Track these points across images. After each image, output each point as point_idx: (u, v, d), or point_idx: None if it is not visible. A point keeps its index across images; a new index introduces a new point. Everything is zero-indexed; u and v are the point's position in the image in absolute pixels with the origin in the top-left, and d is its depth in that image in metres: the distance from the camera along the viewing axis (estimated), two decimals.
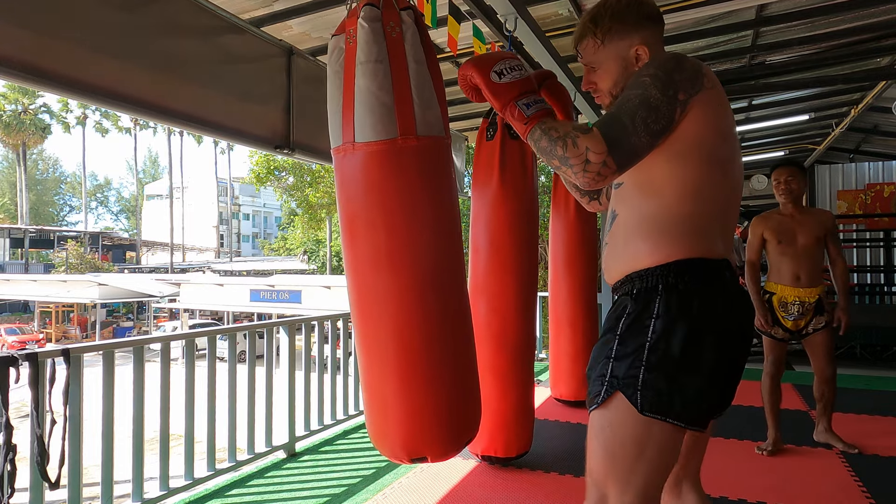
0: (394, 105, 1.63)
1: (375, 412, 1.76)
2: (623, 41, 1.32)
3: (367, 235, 1.68)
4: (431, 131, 1.67)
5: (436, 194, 1.70)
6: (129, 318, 30.12)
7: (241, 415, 3.15)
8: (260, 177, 18.82)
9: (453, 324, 1.75)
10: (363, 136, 1.64)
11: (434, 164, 1.70)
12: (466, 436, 1.80)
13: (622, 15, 1.32)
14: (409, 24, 1.67)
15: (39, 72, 1.92)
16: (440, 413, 1.71)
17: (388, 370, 1.69)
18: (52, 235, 37.50)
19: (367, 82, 1.63)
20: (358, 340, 1.77)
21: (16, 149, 38.01)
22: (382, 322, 1.69)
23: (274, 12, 3.14)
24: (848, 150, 9.18)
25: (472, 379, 1.86)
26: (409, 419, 1.70)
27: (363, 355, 1.76)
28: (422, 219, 1.66)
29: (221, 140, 19.58)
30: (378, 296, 1.69)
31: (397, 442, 1.72)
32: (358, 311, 1.75)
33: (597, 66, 1.37)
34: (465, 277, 1.83)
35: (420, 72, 1.67)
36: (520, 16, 2.99)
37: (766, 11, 3.85)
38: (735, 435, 3.51)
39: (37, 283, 26.83)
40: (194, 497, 2.78)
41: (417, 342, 1.68)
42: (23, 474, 2.12)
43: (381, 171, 1.65)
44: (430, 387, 1.69)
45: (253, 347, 3.32)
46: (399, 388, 1.69)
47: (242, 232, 52.28)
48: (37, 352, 2.24)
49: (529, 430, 3.07)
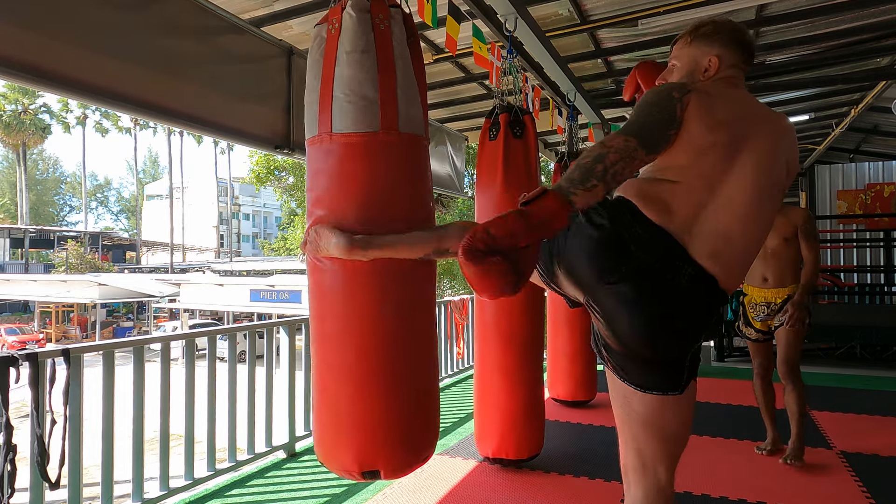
0: (378, 98, 1.57)
1: (326, 424, 1.63)
2: (706, 47, 1.45)
3: (335, 222, 1.57)
4: (413, 129, 1.62)
5: (412, 193, 1.63)
6: (129, 318, 30.11)
7: (242, 415, 3.15)
8: (260, 177, 18.79)
9: (419, 330, 1.66)
10: (341, 127, 1.57)
11: (412, 162, 1.64)
12: (424, 453, 1.68)
13: (719, 27, 1.45)
14: (397, 20, 1.63)
15: (39, 72, 1.92)
16: (398, 426, 1.59)
17: (345, 379, 1.58)
18: (52, 235, 37.48)
19: (351, 72, 1.57)
20: (314, 346, 1.65)
21: (16, 149, 37.99)
22: (343, 327, 1.59)
23: (274, 12, 3.14)
24: (848, 150, 9.18)
25: (433, 395, 1.74)
26: (364, 430, 1.57)
27: (319, 362, 1.64)
28: (395, 217, 1.58)
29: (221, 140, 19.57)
30: (340, 298, 1.59)
31: (349, 454, 1.59)
32: (317, 313, 1.65)
33: (675, 63, 1.51)
34: (434, 283, 1.73)
35: (406, 68, 1.63)
36: (520, 16, 2.99)
37: (766, 11, 3.85)
38: (735, 435, 3.51)
39: (37, 283, 26.82)
40: (194, 497, 2.78)
41: (379, 350, 1.58)
42: (23, 474, 2.12)
43: (358, 164, 1.57)
44: (390, 398, 1.58)
45: (253, 347, 3.32)
46: (356, 398, 1.57)
47: (242, 232, 52.26)
48: (37, 352, 2.24)
49: (540, 431, 3.06)
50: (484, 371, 2.98)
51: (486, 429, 3.00)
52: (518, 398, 2.92)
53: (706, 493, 2.65)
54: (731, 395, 4.54)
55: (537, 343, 3.01)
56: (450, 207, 15.45)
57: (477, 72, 4.39)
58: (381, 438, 1.59)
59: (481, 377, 3.00)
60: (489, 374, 2.96)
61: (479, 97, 4.82)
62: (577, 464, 3.08)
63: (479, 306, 2.99)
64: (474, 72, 4.39)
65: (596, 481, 2.85)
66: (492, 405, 2.96)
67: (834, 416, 3.92)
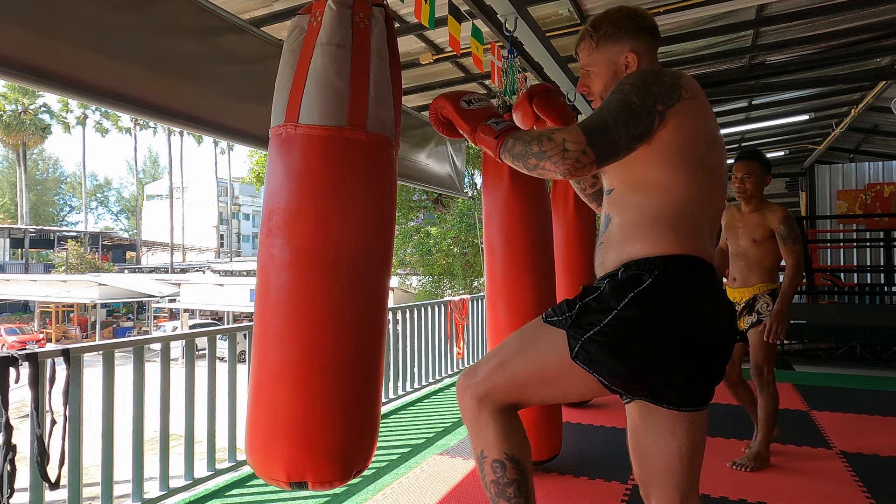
0: (348, 93, 1.53)
1: (263, 425, 1.55)
2: (615, 47, 1.41)
3: (290, 227, 1.53)
4: (382, 130, 1.58)
5: (374, 195, 1.59)
6: (129, 319, 30.12)
7: (242, 415, 3.15)
8: (260, 176, 18.77)
9: (368, 338, 1.59)
10: (308, 118, 1.53)
11: (377, 163, 1.59)
12: (357, 466, 1.62)
13: (618, 22, 1.41)
14: (378, 19, 1.60)
15: (39, 71, 1.92)
16: (335, 435, 1.53)
17: (286, 379, 1.52)
18: (52, 235, 37.50)
19: (325, 63, 1.54)
20: (256, 341, 1.59)
21: (16, 149, 38.02)
22: (287, 325, 1.53)
23: (274, 12, 3.14)
24: (848, 150, 9.19)
25: (375, 403, 1.67)
26: (300, 437, 1.51)
27: (258, 358, 1.57)
28: (352, 218, 1.54)
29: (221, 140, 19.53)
30: (288, 295, 1.53)
31: (281, 460, 1.52)
32: (261, 307, 1.59)
33: (591, 70, 1.46)
34: (387, 291, 1.66)
35: (381, 68, 1.59)
36: (520, 16, 2.98)
37: (766, 11, 3.85)
38: (734, 435, 3.51)
39: (37, 283, 26.83)
40: (194, 497, 2.78)
41: (325, 354, 1.53)
42: (22, 474, 2.12)
43: (319, 158, 1.53)
44: (330, 406, 1.53)
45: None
46: (294, 403, 1.51)
47: (242, 232, 52.26)
48: (37, 352, 2.24)
49: (557, 432, 3.03)
50: None
51: None
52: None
53: (706, 493, 2.65)
54: (730, 395, 4.53)
55: None
56: (450, 207, 15.46)
57: (477, 72, 4.39)
58: (316, 448, 1.51)
59: None
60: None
61: None
62: (576, 463, 3.08)
63: (490, 306, 2.98)
64: (474, 72, 4.39)
65: (596, 481, 2.85)
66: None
67: (834, 416, 3.92)
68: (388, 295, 1.70)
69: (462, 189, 5.56)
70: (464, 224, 14.65)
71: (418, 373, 4.86)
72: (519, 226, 2.86)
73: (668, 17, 3.65)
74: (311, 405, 1.52)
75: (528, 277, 2.87)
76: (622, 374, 1.25)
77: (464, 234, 14.69)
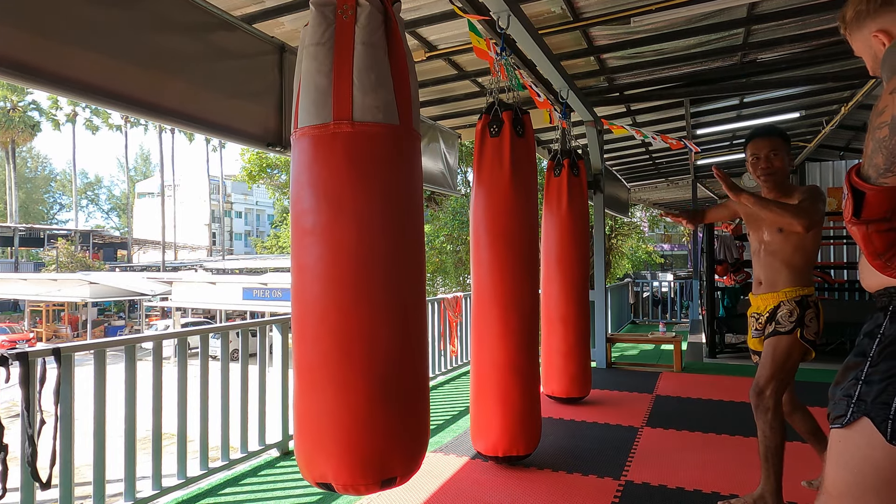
0: (331, 88, 1.53)
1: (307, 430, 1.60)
2: (863, 31, 1.25)
3: (300, 225, 1.59)
4: (374, 117, 1.55)
5: (373, 186, 1.56)
6: (120, 317, 29.94)
7: (234, 413, 3.14)
8: (252, 174, 18.68)
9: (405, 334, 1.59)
10: (302, 121, 1.58)
11: (373, 152, 1.57)
12: (391, 472, 1.59)
13: (858, 2, 1.24)
14: (365, 7, 1.59)
15: (28, 68, 1.90)
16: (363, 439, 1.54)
17: (321, 382, 1.58)
18: (42, 234, 37.17)
19: (307, 65, 1.57)
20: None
21: (5, 146, 37.64)
22: (300, 318, 1.61)
23: (265, 9, 3.12)
24: (838, 148, 9.25)
25: (417, 407, 1.66)
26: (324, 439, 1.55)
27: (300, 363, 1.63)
28: (348, 212, 1.53)
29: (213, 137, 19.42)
30: (297, 289, 1.59)
31: (304, 459, 1.60)
32: (295, 297, 1.65)
33: (863, 57, 1.32)
34: (406, 280, 1.64)
35: (367, 55, 1.56)
36: (512, 13, 2.99)
37: (758, 9, 3.87)
38: (727, 431, 3.53)
39: (27, 281, 26.60)
40: (187, 496, 2.77)
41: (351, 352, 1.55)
42: (13, 474, 2.11)
43: (309, 157, 1.55)
44: (363, 408, 1.54)
45: (246, 346, 3.31)
46: (329, 404, 1.56)
47: (235, 230, 52.03)
48: (27, 351, 2.22)
49: (537, 427, 3.08)
50: (481, 368, 2.99)
51: (483, 426, 3.00)
52: (515, 395, 2.93)
53: (698, 488, 2.67)
54: (723, 392, 4.57)
55: (533, 339, 3.02)
56: (443, 205, 15.44)
57: (470, 69, 4.38)
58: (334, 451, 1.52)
59: (478, 374, 3.01)
60: (486, 371, 2.96)
61: (471, 94, 4.81)
62: (570, 460, 3.09)
63: (477, 303, 2.99)
64: (467, 69, 4.38)
65: (589, 477, 2.86)
66: (489, 402, 2.96)
67: (824, 412, 3.95)
68: (407, 289, 1.64)
69: (455, 186, 5.56)
70: (457, 222, 14.64)
71: None
72: (518, 224, 2.89)
73: (660, 14, 3.66)
74: (345, 406, 1.53)
75: (513, 267, 2.89)
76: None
77: (457, 232, 14.68)
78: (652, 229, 25.87)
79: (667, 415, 3.95)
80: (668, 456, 3.13)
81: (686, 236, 28.99)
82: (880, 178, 0.96)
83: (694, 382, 4.96)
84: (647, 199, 13.08)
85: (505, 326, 2.91)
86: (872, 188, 0.97)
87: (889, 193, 0.97)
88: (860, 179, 0.99)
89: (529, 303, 2.96)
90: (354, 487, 1.52)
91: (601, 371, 5.52)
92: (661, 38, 4.12)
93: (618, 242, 15.62)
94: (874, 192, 0.97)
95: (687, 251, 31.11)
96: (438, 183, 5.25)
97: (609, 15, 3.70)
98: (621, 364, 5.92)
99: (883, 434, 1.08)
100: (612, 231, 14.88)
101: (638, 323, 10.05)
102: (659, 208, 16.05)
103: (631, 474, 2.88)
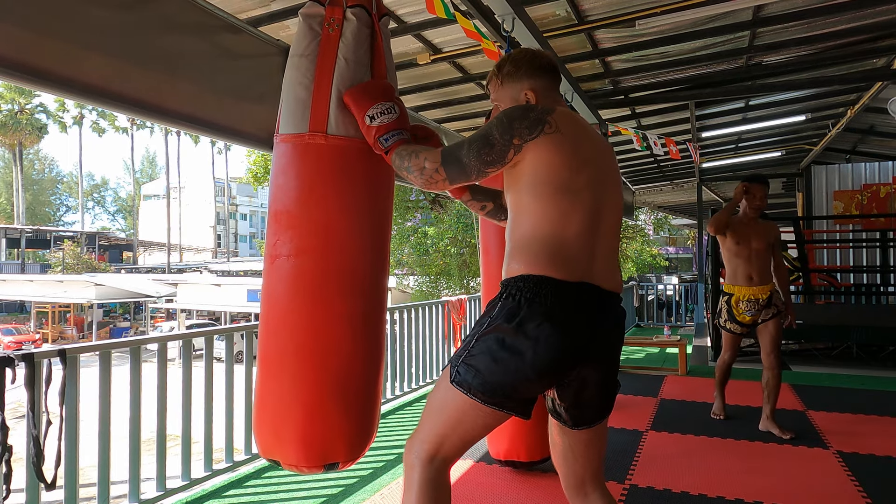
0: (310, 101, 1.58)
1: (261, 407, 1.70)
2: (516, 84, 1.54)
3: (273, 223, 1.64)
4: (347, 132, 1.59)
5: (341, 197, 1.59)
6: (125, 319, 30.04)
7: (239, 415, 3.15)
8: (257, 176, 18.73)
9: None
10: (282, 128, 1.64)
11: (343, 165, 1.60)
12: (333, 457, 1.67)
13: (518, 63, 1.55)
14: (352, 21, 1.61)
15: (34, 71, 1.91)
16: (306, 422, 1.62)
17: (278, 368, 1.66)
18: (48, 235, 37.37)
19: (290, 74, 1.63)
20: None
21: (12, 148, 37.88)
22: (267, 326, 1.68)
23: (271, 12, 3.14)
24: (844, 151, 9.22)
25: (367, 399, 1.72)
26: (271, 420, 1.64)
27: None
28: (314, 220, 1.58)
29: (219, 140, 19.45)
30: (269, 296, 1.65)
31: (260, 439, 1.68)
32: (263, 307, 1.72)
33: (499, 104, 1.61)
34: (365, 289, 1.66)
35: (348, 70, 1.60)
36: (517, 16, 2.99)
37: (764, 12, 3.86)
38: (731, 435, 3.52)
39: (33, 283, 26.75)
40: (191, 497, 2.77)
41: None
42: (18, 475, 2.12)
43: (285, 162, 1.62)
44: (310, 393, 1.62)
45: (250, 348, 3.31)
46: (276, 388, 1.65)
47: (240, 232, 52.18)
48: (33, 352, 2.23)
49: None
50: None
51: (497, 430, 2.99)
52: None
53: (703, 492, 2.65)
54: (728, 395, 4.51)
55: None
56: (447, 208, 15.45)
57: (475, 72, 4.39)
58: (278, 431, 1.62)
59: None
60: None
61: (476, 97, 4.82)
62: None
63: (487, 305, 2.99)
64: (472, 72, 4.39)
65: None
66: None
67: (830, 416, 3.93)
68: (364, 305, 1.67)
69: None
70: (461, 224, 14.65)
71: (415, 373, 4.86)
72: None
73: (665, 17, 3.65)
74: (288, 390, 1.61)
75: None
76: None
77: (461, 235, 14.69)
78: (657, 232, 25.79)
79: (672, 418, 3.94)
80: (673, 460, 3.12)
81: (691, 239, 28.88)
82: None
83: (699, 386, 4.94)
84: (651, 202, 13.05)
85: None
86: None
87: None
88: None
89: None
90: (297, 467, 1.64)
91: None
92: (667, 40, 4.11)
93: (622, 245, 15.59)
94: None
95: (692, 254, 31.00)
96: None
97: (614, 18, 3.70)
98: (626, 367, 5.90)
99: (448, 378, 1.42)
100: None
101: (643, 326, 10.01)
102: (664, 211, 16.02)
103: (635, 478, 2.87)
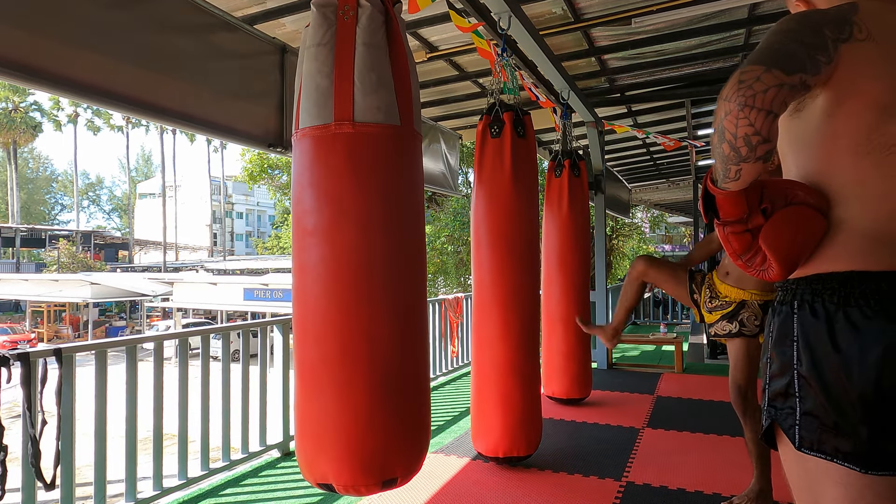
0: (332, 89, 1.54)
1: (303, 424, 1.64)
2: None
3: (301, 226, 1.59)
4: (375, 118, 1.55)
5: (373, 187, 1.55)
6: (121, 318, 29.94)
7: (235, 414, 3.14)
8: (253, 175, 18.71)
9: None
10: (303, 122, 1.59)
11: (374, 153, 1.56)
12: (391, 473, 1.58)
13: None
14: (367, 7, 1.59)
15: (29, 69, 1.90)
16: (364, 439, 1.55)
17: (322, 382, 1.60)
18: (43, 234, 37.20)
19: (308, 66, 1.58)
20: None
21: (6, 147, 37.69)
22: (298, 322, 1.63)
23: (267, 10, 3.13)
24: None
25: (418, 408, 1.65)
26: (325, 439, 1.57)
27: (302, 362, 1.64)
28: (349, 213, 1.53)
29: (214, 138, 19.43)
30: (298, 290, 1.60)
31: (305, 461, 1.61)
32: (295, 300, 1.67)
33: None
34: (407, 280, 1.63)
35: (368, 55, 1.56)
36: (513, 14, 2.99)
37: (759, 10, 3.86)
38: (728, 432, 3.53)
39: (28, 282, 26.62)
40: (188, 497, 2.77)
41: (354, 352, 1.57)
42: (13, 475, 2.11)
43: (311, 158, 1.55)
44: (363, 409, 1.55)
45: (247, 346, 3.30)
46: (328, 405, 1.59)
47: (236, 230, 52.04)
48: (28, 351, 2.23)
49: (538, 428, 3.08)
50: (481, 368, 2.99)
51: (484, 426, 3.00)
52: (516, 395, 2.93)
53: (699, 489, 2.67)
54: (724, 393, 4.55)
55: (534, 340, 3.03)
56: (444, 206, 15.45)
57: (471, 70, 4.38)
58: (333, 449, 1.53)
59: (479, 374, 3.01)
60: (487, 372, 2.96)
61: (472, 95, 4.82)
62: (571, 461, 3.09)
63: (478, 304, 2.99)
64: (468, 70, 4.38)
65: (590, 478, 2.86)
66: (489, 403, 2.96)
67: None
68: (402, 289, 1.62)
69: (456, 187, 5.56)
70: (458, 222, 14.64)
71: None
72: (518, 223, 2.89)
73: (660, 15, 3.66)
74: (333, 401, 1.53)
75: (514, 268, 2.90)
76: None
77: (458, 233, 14.68)
78: (653, 230, 25.84)
79: (668, 416, 3.95)
80: (670, 457, 3.13)
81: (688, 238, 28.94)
82: (722, 184, 0.98)
83: (695, 383, 4.95)
84: (648, 200, 13.07)
85: (506, 327, 2.91)
86: (720, 192, 0.99)
87: (734, 198, 0.98)
88: (712, 183, 1.01)
89: (530, 303, 2.97)
90: (355, 488, 1.52)
91: (602, 372, 5.52)
92: (663, 38, 4.12)
93: (619, 243, 15.61)
94: (722, 197, 0.99)
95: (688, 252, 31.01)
96: (439, 183, 5.25)
97: (610, 16, 3.70)
98: (622, 365, 5.91)
99: (791, 440, 1.02)
100: (613, 232, 14.87)
101: (639, 324, 10.04)
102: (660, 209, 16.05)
103: (632, 475, 2.88)
